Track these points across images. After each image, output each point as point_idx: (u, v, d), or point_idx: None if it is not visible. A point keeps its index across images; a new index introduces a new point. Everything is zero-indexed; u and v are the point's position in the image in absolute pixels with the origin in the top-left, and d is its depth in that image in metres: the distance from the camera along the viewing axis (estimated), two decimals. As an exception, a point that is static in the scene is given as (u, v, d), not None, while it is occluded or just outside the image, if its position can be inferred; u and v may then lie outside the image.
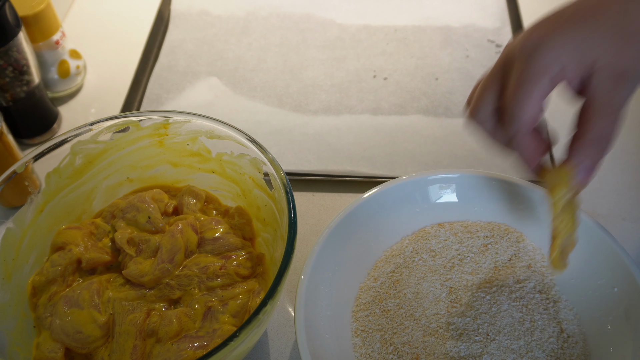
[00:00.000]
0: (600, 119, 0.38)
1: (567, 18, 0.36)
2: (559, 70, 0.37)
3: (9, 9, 0.62)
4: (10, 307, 0.50)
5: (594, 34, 0.36)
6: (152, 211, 0.54)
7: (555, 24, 0.36)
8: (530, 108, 0.38)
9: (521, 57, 0.37)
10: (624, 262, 0.51)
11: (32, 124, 0.71)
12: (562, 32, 0.36)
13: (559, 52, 0.36)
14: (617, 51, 0.36)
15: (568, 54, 0.37)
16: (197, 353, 0.46)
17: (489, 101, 0.40)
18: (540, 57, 0.36)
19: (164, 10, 0.87)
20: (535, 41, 0.36)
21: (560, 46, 0.36)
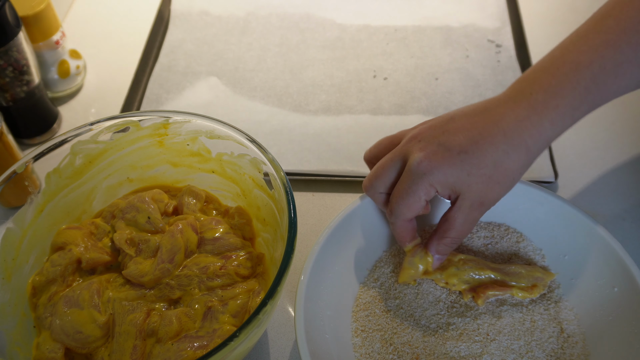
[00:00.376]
0: (458, 229, 0.49)
1: (457, 152, 0.46)
2: (433, 192, 0.48)
3: (9, 9, 0.62)
4: (10, 307, 0.50)
5: (469, 177, 0.46)
6: (151, 211, 0.54)
7: (443, 158, 0.46)
8: (406, 211, 0.49)
9: (410, 176, 0.48)
10: (624, 262, 0.51)
11: (32, 124, 0.71)
12: (444, 170, 0.47)
13: (437, 183, 0.47)
14: (484, 190, 0.47)
15: (443, 186, 0.47)
16: (197, 353, 0.46)
17: (382, 185, 0.51)
18: (421, 183, 0.47)
19: (164, 10, 0.87)
20: (423, 170, 0.47)
21: (440, 180, 0.47)
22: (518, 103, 0.47)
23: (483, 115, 0.47)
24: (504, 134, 0.46)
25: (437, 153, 0.47)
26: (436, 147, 0.47)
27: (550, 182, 0.65)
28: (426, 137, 0.48)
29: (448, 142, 0.47)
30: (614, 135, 0.70)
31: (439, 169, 0.46)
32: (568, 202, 0.55)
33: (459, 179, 0.47)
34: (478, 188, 0.47)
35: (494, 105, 0.48)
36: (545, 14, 0.85)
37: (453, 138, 0.47)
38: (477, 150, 0.46)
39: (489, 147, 0.46)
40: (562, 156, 0.69)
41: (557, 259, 0.56)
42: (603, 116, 0.72)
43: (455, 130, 0.47)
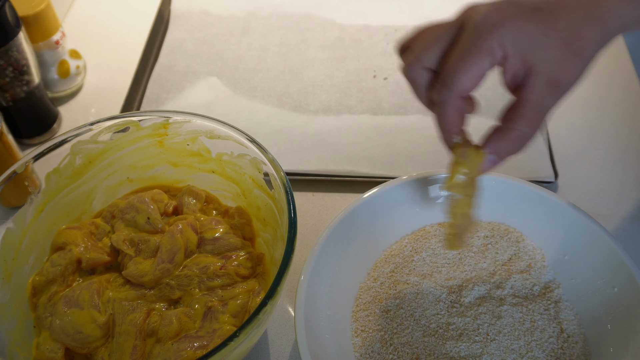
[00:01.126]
0: (527, 120, 0.40)
1: (530, 9, 0.38)
2: (501, 57, 0.38)
3: (9, 9, 0.62)
4: (10, 307, 0.50)
5: (545, 38, 0.38)
6: (151, 212, 0.54)
7: (516, 11, 0.38)
8: (466, 80, 0.39)
9: (473, 32, 0.38)
10: (624, 262, 0.51)
11: (32, 124, 0.71)
12: (518, 23, 0.38)
13: (508, 40, 0.38)
14: (560, 62, 0.38)
15: (514, 47, 0.38)
16: (197, 353, 0.46)
17: (431, 56, 0.41)
18: (489, 39, 0.38)
19: (164, 10, 0.87)
20: (492, 22, 0.37)
21: (511, 36, 0.38)
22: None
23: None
24: (579, 4, 0.39)
25: (508, 6, 0.38)
26: (506, 2, 0.38)
27: (550, 182, 0.65)
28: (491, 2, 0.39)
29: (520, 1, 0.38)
30: (614, 135, 0.70)
31: (511, 21, 0.38)
32: (568, 202, 0.55)
33: (533, 40, 0.38)
34: (554, 56, 0.38)
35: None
36: (545, 14, 0.85)
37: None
38: (552, 10, 0.38)
39: (565, 10, 0.38)
40: (562, 156, 0.69)
41: (557, 259, 0.56)
42: (603, 116, 0.72)
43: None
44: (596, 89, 0.74)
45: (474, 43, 0.38)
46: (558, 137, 0.70)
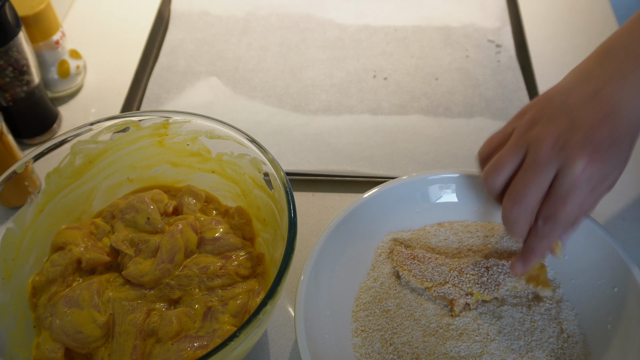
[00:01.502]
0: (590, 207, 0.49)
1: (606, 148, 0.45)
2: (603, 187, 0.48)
3: (9, 9, 0.62)
4: (10, 307, 0.50)
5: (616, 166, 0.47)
6: (151, 212, 0.54)
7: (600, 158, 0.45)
8: (572, 219, 0.48)
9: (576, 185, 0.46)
10: (624, 262, 0.51)
11: (32, 124, 0.71)
12: (607, 166, 0.46)
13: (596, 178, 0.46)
14: (620, 173, 0.48)
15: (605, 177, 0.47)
16: (197, 353, 0.46)
17: (506, 173, 0.49)
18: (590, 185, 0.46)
19: (164, 10, 0.87)
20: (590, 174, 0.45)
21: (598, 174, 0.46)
22: (627, 79, 0.46)
23: (599, 99, 0.47)
24: (629, 113, 0.46)
25: (594, 155, 0.46)
26: (589, 147, 0.46)
27: (550, 182, 0.65)
28: (570, 143, 0.46)
29: (595, 139, 0.46)
30: (614, 135, 0.70)
31: (602, 169, 0.46)
32: (568, 202, 0.55)
33: (610, 170, 0.47)
34: (618, 171, 0.48)
35: (600, 86, 0.47)
36: (545, 14, 0.85)
37: (597, 134, 0.46)
38: (622, 140, 0.46)
39: (626, 131, 0.46)
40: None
41: (557, 259, 0.56)
42: (603, 116, 0.72)
43: (591, 125, 0.46)
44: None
45: (577, 194, 0.46)
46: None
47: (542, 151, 0.47)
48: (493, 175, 0.50)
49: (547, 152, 0.46)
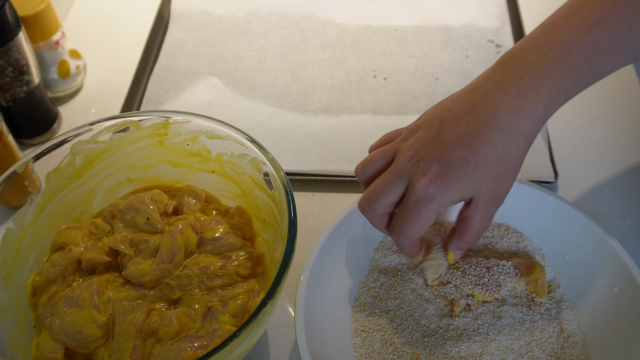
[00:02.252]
0: (477, 226, 0.49)
1: (459, 166, 0.45)
2: (444, 209, 0.47)
3: (9, 9, 0.62)
4: (10, 307, 0.50)
5: (478, 182, 0.45)
6: (150, 212, 0.54)
7: (449, 175, 0.45)
8: (416, 233, 0.47)
9: (420, 200, 0.46)
10: (624, 262, 0.51)
11: (32, 124, 0.71)
12: (452, 188, 0.45)
13: (450, 199, 0.46)
14: (493, 187, 0.46)
15: (455, 200, 0.46)
16: (197, 353, 0.46)
17: (382, 206, 0.49)
18: (434, 204, 0.46)
19: (164, 10, 0.87)
20: (435, 191, 0.45)
21: (451, 196, 0.46)
22: (508, 91, 0.45)
23: (474, 113, 0.45)
24: (499, 130, 0.45)
25: (440, 174, 0.45)
26: (437, 166, 0.45)
27: (550, 182, 0.65)
28: (424, 157, 0.46)
29: (448, 157, 0.45)
30: (614, 135, 0.70)
31: (446, 189, 0.45)
32: (568, 202, 0.55)
33: (468, 189, 0.46)
34: (488, 188, 0.46)
35: (482, 97, 0.46)
36: (545, 14, 0.85)
37: (452, 152, 0.45)
38: (478, 157, 0.45)
39: (489, 149, 0.45)
40: (562, 156, 0.69)
41: (557, 259, 0.56)
42: (603, 116, 0.72)
43: (451, 140, 0.45)
44: (596, 89, 0.74)
45: (420, 210, 0.46)
46: (558, 137, 0.70)
47: (400, 161, 0.47)
48: (360, 167, 0.51)
49: (404, 162, 0.47)
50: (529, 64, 0.45)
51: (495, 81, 0.46)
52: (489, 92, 0.46)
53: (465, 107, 0.46)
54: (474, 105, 0.46)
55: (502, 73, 0.46)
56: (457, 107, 0.47)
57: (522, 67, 0.45)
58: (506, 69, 0.46)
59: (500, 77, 0.46)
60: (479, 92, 0.46)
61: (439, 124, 0.47)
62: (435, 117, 0.48)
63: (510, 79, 0.45)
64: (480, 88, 0.46)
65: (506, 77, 0.45)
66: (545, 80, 0.44)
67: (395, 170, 0.48)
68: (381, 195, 0.48)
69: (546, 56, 0.45)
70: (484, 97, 0.46)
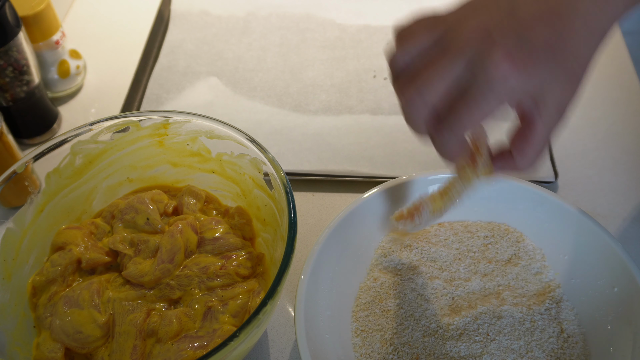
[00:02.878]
0: (541, 136, 0.40)
1: (542, 50, 0.37)
2: (509, 101, 0.38)
3: (9, 9, 0.62)
4: (10, 307, 0.50)
5: (556, 78, 0.38)
6: (150, 212, 0.54)
7: (530, 56, 0.37)
8: (474, 123, 0.39)
9: (485, 85, 0.37)
10: (624, 262, 0.51)
11: (32, 124, 0.71)
12: (529, 71, 0.37)
13: (519, 89, 0.38)
14: (562, 89, 0.39)
15: (525, 91, 0.38)
16: (197, 353, 0.46)
17: (434, 95, 0.39)
18: (506, 87, 0.37)
19: (164, 10, 0.87)
20: (504, 74, 0.37)
21: (522, 85, 0.37)
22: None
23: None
24: (584, 21, 0.38)
25: (520, 49, 0.37)
26: (516, 40, 0.37)
27: (550, 182, 0.65)
28: (497, 27, 0.37)
29: (529, 33, 0.37)
30: (614, 135, 0.70)
31: (524, 71, 0.37)
32: (568, 202, 0.55)
33: (543, 82, 0.38)
34: (559, 88, 0.39)
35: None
36: (545, 14, 0.85)
37: (534, 27, 0.37)
38: (563, 45, 0.37)
39: (573, 39, 0.38)
40: (562, 156, 0.69)
41: (557, 259, 0.56)
42: (603, 116, 0.72)
43: (532, 19, 0.37)
44: (596, 89, 0.74)
45: (484, 94, 0.37)
46: (558, 137, 0.70)
47: (462, 31, 0.38)
48: (399, 43, 0.41)
49: (469, 33, 0.38)
50: None
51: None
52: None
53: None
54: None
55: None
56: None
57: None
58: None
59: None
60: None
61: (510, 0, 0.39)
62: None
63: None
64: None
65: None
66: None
67: (457, 45, 0.38)
68: (436, 77, 0.38)
69: None
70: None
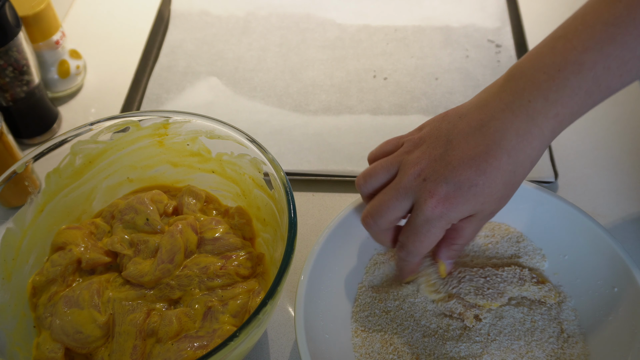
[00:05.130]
0: (468, 236, 0.49)
1: (467, 188, 0.45)
2: (451, 224, 0.47)
3: (9, 9, 0.62)
4: (10, 307, 0.50)
5: (484, 203, 0.46)
6: (150, 213, 0.54)
7: (457, 196, 0.45)
8: (424, 250, 0.49)
9: (429, 220, 0.46)
10: (624, 262, 0.51)
11: (32, 124, 0.71)
12: (460, 208, 0.46)
13: (456, 218, 0.47)
14: (495, 207, 0.47)
15: (461, 217, 0.47)
16: (197, 353, 0.46)
17: (386, 221, 0.49)
18: (442, 223, 0.46)
19: (164, 10, 0.87)
20: (442, 211, 0.46)
21: (458, 215, 0.46)
22: (516, 114, 0.44)
23: (482, 133, 0.45)
24: (508, 154, 0.44)
25: (448, 195, 0.45)
26: (445, 187, 0.45)
27: (550, 182, 0.65)
28: (431, 176, 0.46)
29: (456, 178, 0.45)
30: (614, 135, 0.70)
31: (454, 209, 0.46)
32: (568, 202, 0.55)
33: (474, 209, 0.46)
34: (490, 207, 0.47)
35: (490, 117, 0.45)
36: (545, 14, 0.85)
37: (460, 173, 0.45)
38: (486, 180, 0.45)
39: (497, 173, 0.45)
40: (562, 156, 0.69)
41: (557, 259, 0.56)
42: (603, 116, 0.72)
43: (459, 161, 0.45)
44: (596, 89, 0.74)
45: (428, 229, 0.47)
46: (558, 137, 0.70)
47: (406, 178, 0.47)
48: (362, 180, 0.51)
49: (410, 180, 0.47)
50: (537, 86, 0.44)
51: (504, 101, 0.45)
52: (497, 112, 0.45)
53: (473, 125, 0.46)
54: (482, 124, 0.45)
55: (511, 93, 0.45)
56: (465, 124, 0.46)
57: (530, 89, 0.44)
58: (514, 87, 0.45)
59: (509, 97, 0.45)
60: (487, 111, 0.46)
61: (446, 141, 0.47)
62: (441, 131, 0.48)
63: (519, 101, 0.44)
64: (488, 106, 0.46)
65: (514, 98, 0.45)
66: (553, 105, 0.44)
67: (401, 187, 0.47)
68: (386, 211, 0.48)
69: (555, 78, 0.43)
70: (492, 118, 0.45)
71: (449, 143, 0.46)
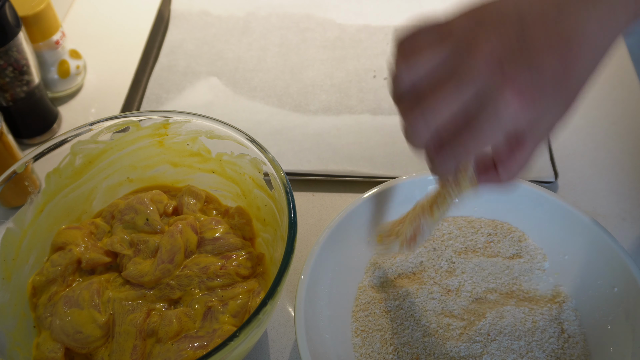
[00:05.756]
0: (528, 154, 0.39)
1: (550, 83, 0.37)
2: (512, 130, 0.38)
3: (9, 9, 0.62)
4: (10, 307, 0.50)
5: (554, 106, 0.37)
6: (150, 213, 0.54)
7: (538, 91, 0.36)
8: (475, 149, 0.38)
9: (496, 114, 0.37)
10: (624, 262, 0.51)
11: (32, 124, 0.71)
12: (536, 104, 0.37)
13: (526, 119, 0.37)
14: (563, 114, 0.38)
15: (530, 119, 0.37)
16: (197, 353, 0.46)
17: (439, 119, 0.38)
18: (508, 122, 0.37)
19: (164, 10, 0.87)
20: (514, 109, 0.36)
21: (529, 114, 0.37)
22: (597, 3, 0.37)
23: (564, 14, 0.37)
24: (589, 44, 0.37)
25: (529, 85, 0.36)
26: (527, 74, 0.36)
27: (550, 182, 0.65)
28: (509, 57, 0.36)
29: (540, 67, 0.36)
30: (614, 135, 0.70)
31: (531, 107, 0.36)
32: (568, 202, 0.55)
33: (545, 111, 0.37)
34: (558, 112, 0.38)
35: (567, 3, 0.37)
36: (545, 14, 0.85)
37: (544, 57, 0.36)
38: (568, 75, 0.37)
39: (579, 66, 0.37)
40: (562, 156, 0.69)
41: (557, 259, 0.56)
42: (603, 116, 0.72)
43: (542, 43, 0.36)
44: (596, 89, 0.74)
45: (490, 125, 0.37)
46: (558, 137, 0.70)
47: (472, 58, 0.37)
48: (404, 63, 0.39)
49: (478, 64, 0.37)
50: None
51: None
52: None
53: (551, 9, 0.37)
54: (560, 10, 0.37)
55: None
56: (538, 5, 0.37)
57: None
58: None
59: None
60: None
61: (518, 18, 0.37)
62: (507, 6, 0.38)
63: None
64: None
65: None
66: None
67: (467, 73, 0.37)
68: (443, 103, 0.37)
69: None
70: (569, 3, 0.37)
71: (522, 20, 0.37)
